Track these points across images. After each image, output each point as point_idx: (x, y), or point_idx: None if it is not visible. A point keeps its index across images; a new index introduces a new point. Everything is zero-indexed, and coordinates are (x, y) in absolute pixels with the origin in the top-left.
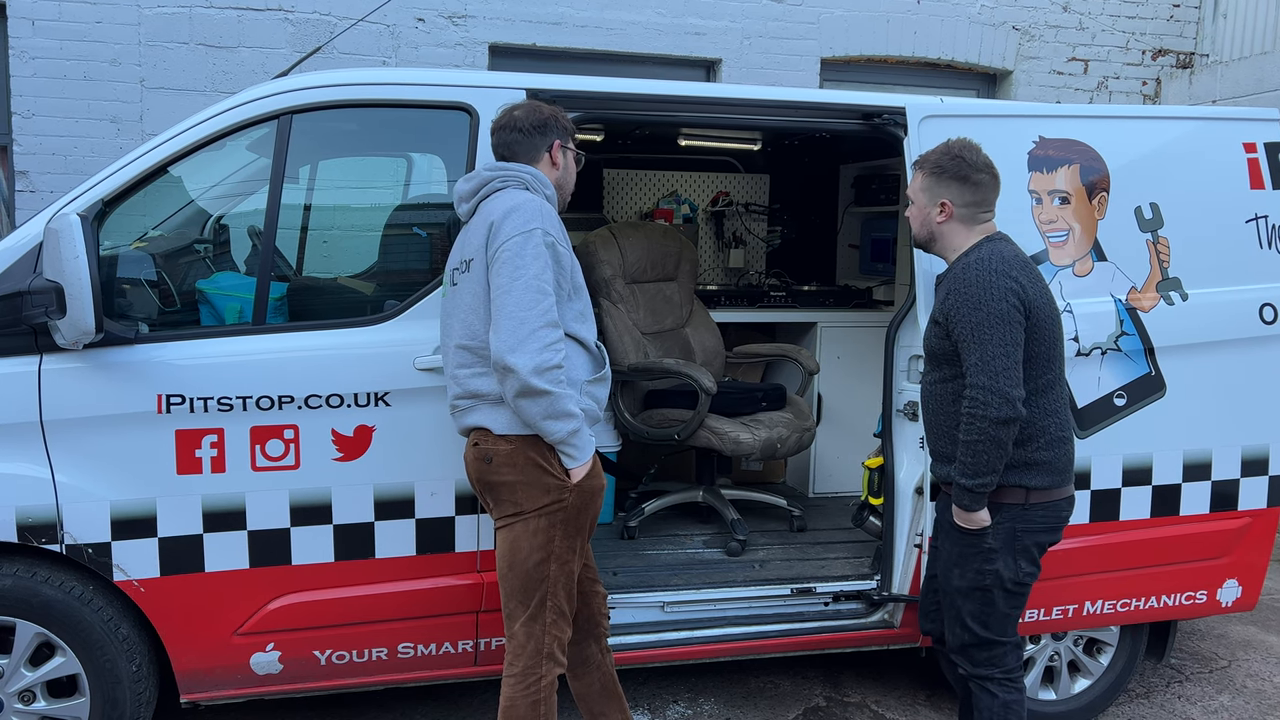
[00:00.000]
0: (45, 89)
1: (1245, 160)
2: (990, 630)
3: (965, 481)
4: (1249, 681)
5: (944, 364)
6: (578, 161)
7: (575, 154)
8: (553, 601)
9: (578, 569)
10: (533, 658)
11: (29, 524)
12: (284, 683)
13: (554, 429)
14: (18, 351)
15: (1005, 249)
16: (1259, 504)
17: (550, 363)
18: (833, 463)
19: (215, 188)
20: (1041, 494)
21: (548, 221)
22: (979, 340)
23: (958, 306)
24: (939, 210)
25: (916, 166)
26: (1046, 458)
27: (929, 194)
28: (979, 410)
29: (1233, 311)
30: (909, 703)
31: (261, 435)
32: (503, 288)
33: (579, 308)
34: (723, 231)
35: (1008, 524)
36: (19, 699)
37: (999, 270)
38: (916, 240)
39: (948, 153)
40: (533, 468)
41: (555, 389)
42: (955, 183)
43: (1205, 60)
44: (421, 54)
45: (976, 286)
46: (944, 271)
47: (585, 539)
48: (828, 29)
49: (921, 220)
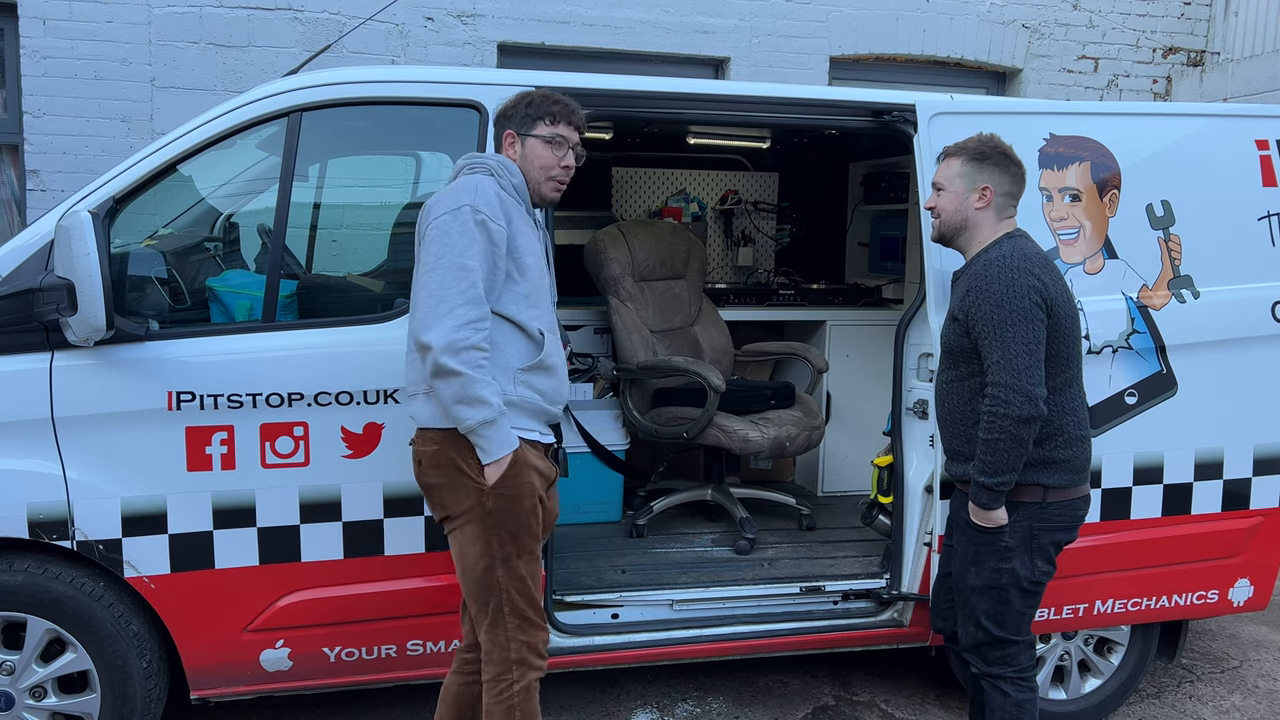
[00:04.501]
0: (56, 88)
1: (1257, 157)
2: (1005, 629)
3: (985, 480)
4: (1261, 681)
5: (961, 361)
6: (551, 145)
7: (544, 139)
8: (510, 607)
9: (536, 567)
10: (500, 665)
11: (40, 520)
12: (294, 679)
13: (465, 415)
14: (29, 348)
15: (1027, 246)
16: (1271, 503)
17: (466, 341)
18: (842, 461)
19: (225, 186)
20: (1059, 493)
21: (480, 198)
22: (1001, 338)
23: (979, 304)
24: (979, 195)
25: (951, 154)
26: (1065, 456)
27: (968, 179)
28: (1001, 409)
29: (1245, 309)
30: (918, 702)
31: (271, 432)
32: (427, 265)
33: (524, 290)
34: (731, 230)
35: (1025, 522)
36: (30, 694)
37: (1021, 267)
38: (944, 229)
39: (988, 141)
40: (452, 469)
41: (467, 370)
42: (998, 170)
43: (1216, 58)
44: (430, 53)
45: (999, 284)
46: (962, 268)
47: (533, 537)
48: (837, 27)
49: (956, 207)
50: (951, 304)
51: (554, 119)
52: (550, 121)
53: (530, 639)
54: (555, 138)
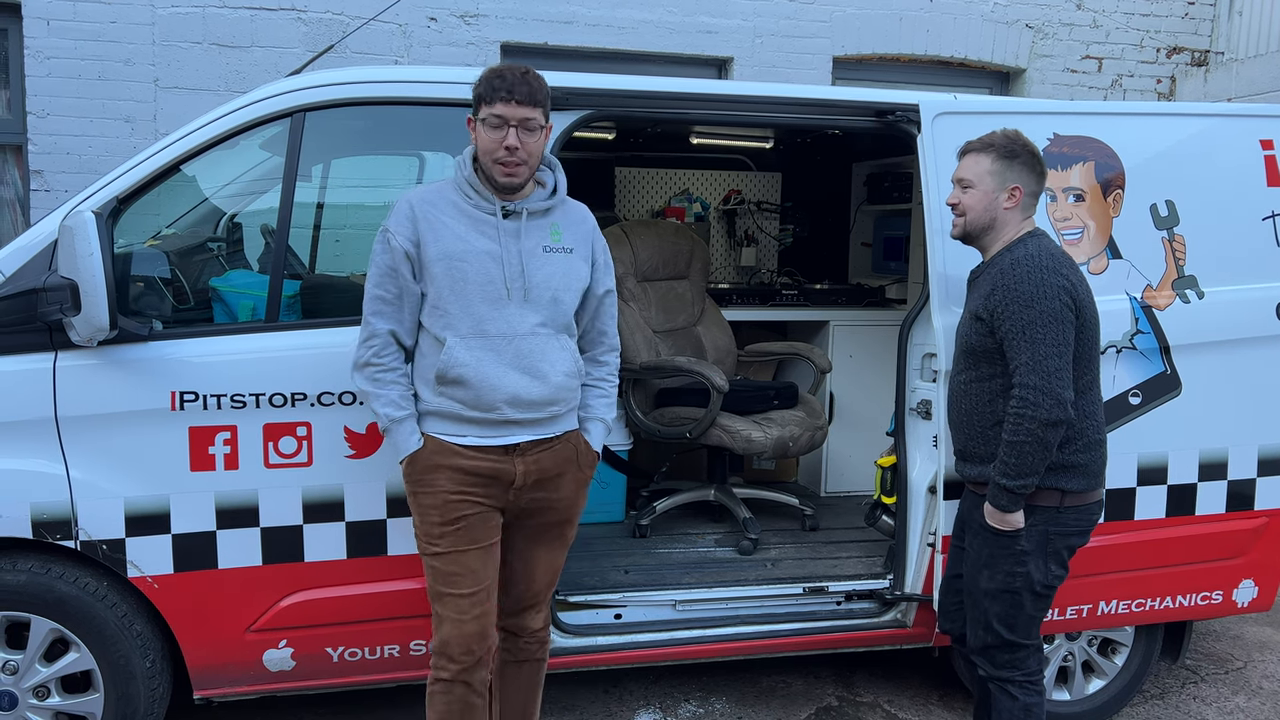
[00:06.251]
0: (60, 89)
1: (1262, 157)
2: (1015, 633)
3: (1006, 482)
4: (1265, 683)
5: (983, 362)
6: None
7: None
8: (430, 595)
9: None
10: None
11: (44, 520)
12: (297, 679)
13: (378, 423)
14: (33, 348)
15: (1053, 246)
16: (1275, 504)
17: (360, 359)
18: (845, 461)
19: (228, 186)
20: (1076, 497)
21: (394, 216)
22: (1030, 339)
23: (1007, 303)
24: (1008, 195)
25: (977, 150)
26: (1084, 460)
27: (998, 178)
28: (1029, 411)
29: (1249, 310)
30: (922, 703)
31: (274, 432)
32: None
33: (432, 298)
34: (735, 230)
35: (1041, 526)
36: (34, 694)
37: (1050, 268)
38: (970, 228)
39: (1015, 139)
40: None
41: (365, 386)
42: (1027, 168)
43: (1221, 58)
44: (433, 53)
45: (1028, 283)
46: (981, 265)
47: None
48: (840, 27)
49: (985, 205)
50: (972, 303)
51: (489, 99)
52: (490, 101)
53: (445, 634)
54: (490, 118)
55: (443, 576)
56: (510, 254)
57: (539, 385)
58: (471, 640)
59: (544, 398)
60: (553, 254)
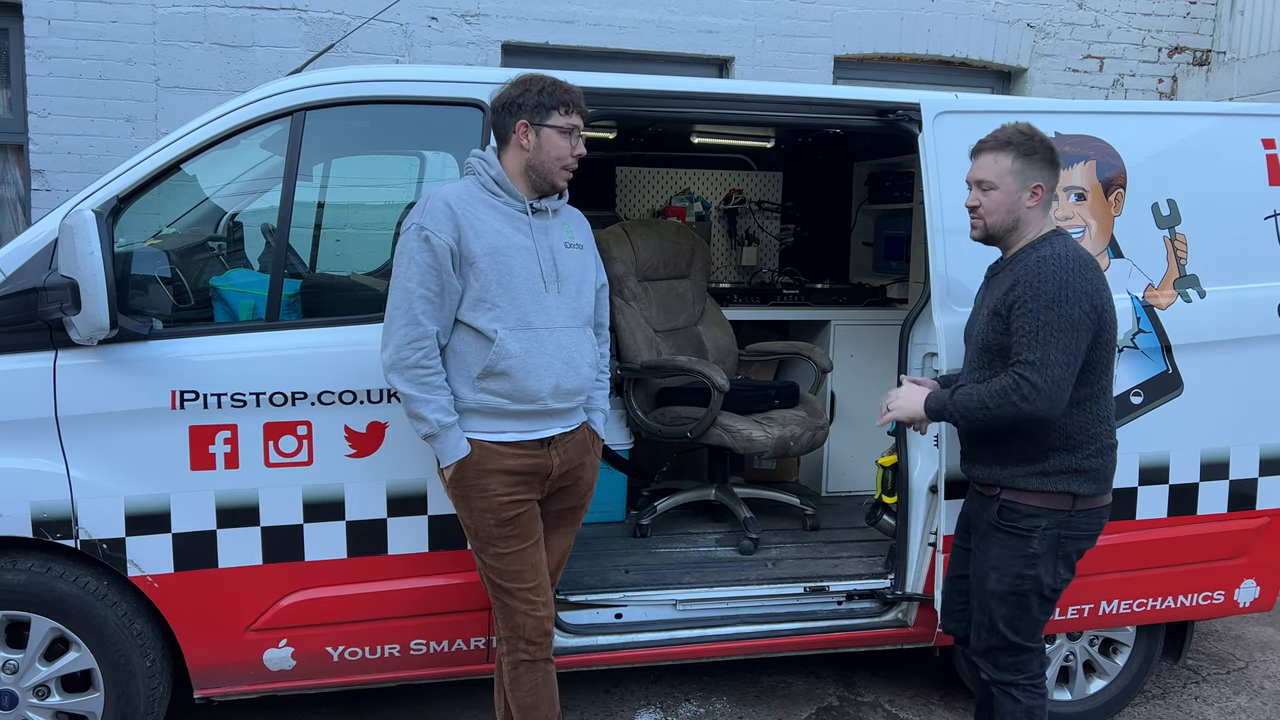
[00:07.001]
0: (61, 88)
1: (1264, 156)
2: (1020, 635)
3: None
4: (1267, 683)
5: (998, 360)
6: (566, 135)
7: (560, 130)
8: (492, 590)
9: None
10: (501, 641)
11: (44, 519)
12: (297, 679)
13: (416, 428)
14: (33, 347)
15: (1079, 248)
16: (1277, 504)
17: (406, 361)
18: (846, 461)
19: (229, 185)
20: (1087, 501)
21: (427, 214)
22: (1043, 340)
23: (1026, 299)
24: (1030, 194)
25: (994, 149)
26: (1096, 465)
27: (1020, 177)
28: (1021, 402)
29: (1251, 309)
30: (922, 703)
31: (275, 431)
32: (390, 284)
33: (476, 291)
34: (735, 229)
35: (1053, 530)
36: (34, 693)
37: (1078, 272)
38: (994, 230)
39: (1031, 135)
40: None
41: (410, 390)
42: (1046, 164)
43: (1222, 57)
44: (434, 52)
45: (1053, 283)
46: (1001, 261)
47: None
48: (841, 27)
49: (1009, 206)
50: (991, 299)
51: (568, 109)
52: (564, 112)
53: (516, 621)
54: (570, 128)
55: (508, 575)
56: (543, 249)
57: (574, 375)
58: (545, 622)
59: (578, 387)
60: (572, 249)
